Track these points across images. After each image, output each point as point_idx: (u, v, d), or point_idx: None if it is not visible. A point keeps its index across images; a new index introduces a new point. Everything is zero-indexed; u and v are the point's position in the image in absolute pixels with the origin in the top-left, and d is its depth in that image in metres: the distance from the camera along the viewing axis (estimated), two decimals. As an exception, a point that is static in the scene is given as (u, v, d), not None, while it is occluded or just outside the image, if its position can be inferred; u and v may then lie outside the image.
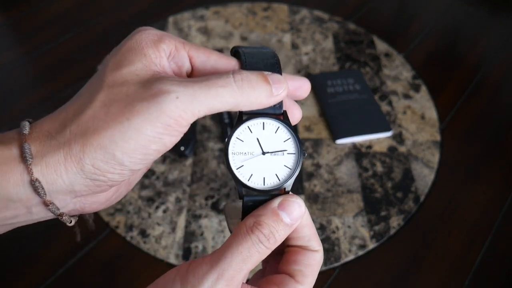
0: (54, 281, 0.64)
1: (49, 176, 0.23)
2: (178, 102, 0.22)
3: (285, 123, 0.26)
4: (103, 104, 0.23)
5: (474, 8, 1.12)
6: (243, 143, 0.26)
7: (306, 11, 1.09)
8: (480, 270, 0.67)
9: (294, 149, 0.26)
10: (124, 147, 0.22)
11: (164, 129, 0.22)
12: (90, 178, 0.23)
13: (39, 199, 0.23)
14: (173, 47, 0.25)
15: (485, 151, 0.82)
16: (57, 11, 1.09)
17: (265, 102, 0.24)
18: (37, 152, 0.23)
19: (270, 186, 0.26)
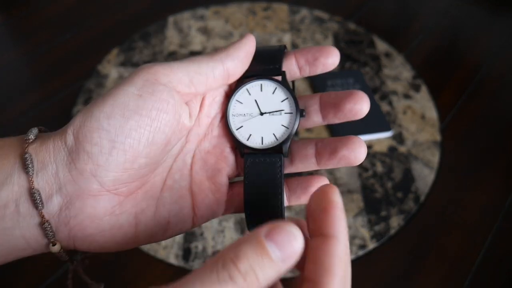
0: (54, 281, 0.63)
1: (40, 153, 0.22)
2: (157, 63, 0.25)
3: (283, 84, 0.27)
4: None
5: (474, 8, 1.12)
6: (242, 105, 0.27)
7: (306, 11, 1.09)
8: (480, 270, 0.67)
9: (291, 108, 0.27)
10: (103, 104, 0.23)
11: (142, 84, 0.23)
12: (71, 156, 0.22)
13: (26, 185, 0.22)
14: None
15: (485, 151, 0.82)
16: (57, 11, 1.09)
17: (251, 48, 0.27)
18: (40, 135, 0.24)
19: (268, 144, 0.27)
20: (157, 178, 0.26)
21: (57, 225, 0.23)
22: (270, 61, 0.27)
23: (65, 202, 0.23)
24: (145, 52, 0.98)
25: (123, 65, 0.95)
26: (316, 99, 0.28)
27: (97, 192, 0.23)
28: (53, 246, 0.23)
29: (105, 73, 0.94)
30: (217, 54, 0.26)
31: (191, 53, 0.98)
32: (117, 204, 0.24)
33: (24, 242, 0.23)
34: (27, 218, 0.22)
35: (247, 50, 0.26)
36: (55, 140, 0.23)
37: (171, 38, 1.02)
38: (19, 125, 0.85)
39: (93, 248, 0.25)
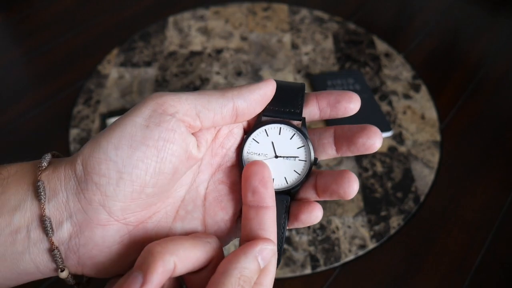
0: (54, 281, 0.63)
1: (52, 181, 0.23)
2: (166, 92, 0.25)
3: (301, 131, 0.27)
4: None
5: (474, 8, 1.12)
6: (259, 145, 0.27)
7: (306, 11, 1.09)
8: (480, 270, 0.67)
9: (306, 156, 0.27)
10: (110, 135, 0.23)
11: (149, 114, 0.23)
12: (80, 186, 0.23)
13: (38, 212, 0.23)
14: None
15: (485, 151, 0.82)
16: (57, 11, 1.09)
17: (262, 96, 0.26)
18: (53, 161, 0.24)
19: (278, 187, 0.27)
20: (169, 208, 0.26)
21: (67, 252, 0.23)
22: (291, 104, 0.27)
23: (75, 230, 0.23)
24: (145, 52, 0.98)
25: (123, 65, 0.95)
26: (330, 132, 0.28)
27: (106, 222, 0.23)
28: (61, 272, 0.24)
29: (105, 73, 0.94)
30: (229, 92, 0.25)
31: (191, 53, 0.98)
32: (127, 233, 0.25)
33: (33, 266, 0.23)
34: (37, 243, 0.23)
35: (264, 94, 0.26)
36: (66, 168, 0.23)
37: (171, 38, 1.02)
38: (19, 125, 0.85)
39: (102, 275, 0.25)
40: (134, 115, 0.23)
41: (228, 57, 0.97)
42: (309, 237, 0.69)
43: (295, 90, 0.28)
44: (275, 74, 0.94)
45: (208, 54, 0.98)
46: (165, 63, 0.96)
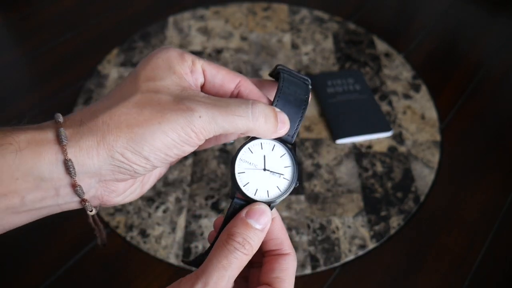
0: (54, 281, 0.64)
1: (81, 158, 0.25)
2: (200, 121, 0.26)
3: (292, 153, 0.30)
4: (136, 104, 0.26)
5: (474, 8, 1.12)
6: (252, 155, 0.30)
7: (306, 11, 1.09)
8: (480, 270, 0.67)
9: (290, 176, 0.30)
10: (152, 144, 0.26)
11: (186, 139, 0.26)
12: (117, 165, 0.26)
13: (68, 180, 0.26)
14: (191, 62, 0.30)
15: (485, 151, 0.82)
16: (57, 11, 1.09)
17: (268, 136, 0.29)
18: (71, 136, 0.26)
19: (259, 198, 0.29)
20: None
21: (91, 200, 0.28)
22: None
23: (102, 186, 0.28)
24: (145, 52, 0.98)
25: (123, 65, 0.95)
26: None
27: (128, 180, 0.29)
28: (90, 212, 0.29)
29: (105, 73, 0.94)
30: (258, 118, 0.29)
31: (191, 52, 0.98)
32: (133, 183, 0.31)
33: (59, 209, 0.28)
34: (66, 198, 0.27)
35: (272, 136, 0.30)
36: (99, 150, 0.26)
37: (171, 38, 1.02)
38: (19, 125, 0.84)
39: (114, 205, 0.31)
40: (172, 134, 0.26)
41: (228, 57, 0.97)
42: (309, 237, 0.69)
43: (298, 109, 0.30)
44: (275, 74, 0.93)
45: (208, 54, 0.98)
46: (165, 63, 0.96)
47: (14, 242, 0.68)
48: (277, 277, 0.28)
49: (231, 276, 0.26)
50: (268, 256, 0.29)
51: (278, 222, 0.30)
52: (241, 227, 0.27)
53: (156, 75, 0.28)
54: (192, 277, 0.26)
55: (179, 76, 0.28)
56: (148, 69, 0.28)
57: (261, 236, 0.28)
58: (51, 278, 0.64)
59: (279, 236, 0.29)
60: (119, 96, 0.27)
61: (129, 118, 0.26)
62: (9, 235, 0.72)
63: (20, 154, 0.25)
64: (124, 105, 0.26)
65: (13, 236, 0.71)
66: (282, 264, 0.28)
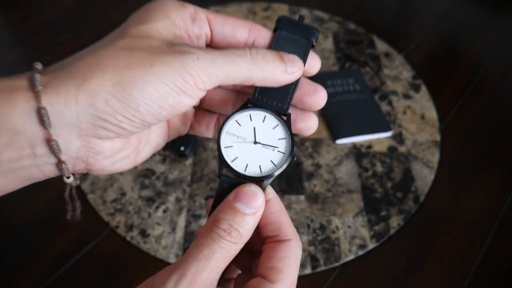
0: (54, 281, 0.63)
1: (57, 105, 0.22)
2: (198, 62, 0.23)
3: (286, 124, 0.27)
4: (125, 47, 0.23)
5: (474, 8, 1.12)
6: (240, 127, 0.26)
7: (306, 11, 1.09)
8: (480, 270, 0.67)
9: (286, 149, 0.26)
10: (143, 90, 0.22)
11: (182, 84, 0.23)
12: (99, 116, 0.22)
13: (43, 134, 0.22)
14: (193, 11, 0.26)
15: (485, 151, 0.82)
16: (57, 11, 1.09)
17: (280, 79, 0.25)
18: (48, 82, 0.22)
19: (250, 173, 0.26)
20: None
21: (74, 161, 0.24)
22: (280, 97, 0.27)
23: (84, 145, 0.23)
24: (145, 52, 0.98)
25: (123, 65, 0.95)
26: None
27: (114, 139, 0.25)
28: (67, 179, 0.25)
29: (105, 73, 0.94)
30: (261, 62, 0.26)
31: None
32: (127, 142, 0.26)
33: (40, 174, 0.24)
34: (44, 158, 0.23)
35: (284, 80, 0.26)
36: (79, 97, 0.22)
37: (171, 38, 1.02)
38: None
39: (103, 173, 0.26)
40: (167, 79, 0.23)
41: (228, 57, 0.97)
42: (309, 237, 0.69)
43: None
44: (275, 74, 0.93)
45: (208, 54, 0.98)
46: (165, 63, 0.96)
47: (15, 242, 0.68)
48: (272, 267, 0.24)
49: (215, 266, 0.22)
50: (267, 243, 0.25)
51: (275, 204, 0.26)
52: (227, 212, 0.24)
53: (147, 17, 0.25)
54: (168, 268, 0.23)
55: (172, 22, 0.25)
56: (140, 12, 0.25)
57: (253, 222, 0.24)
58: (51, 278, 0.64)
59: (277, 219, 0.25)
60: (107, 41, 0.24)
61: (117, 61, 0.22)
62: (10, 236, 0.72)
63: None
64: (111, 48, 0.23)
65: (13, 236, 0.71)
66: (280, 252, 0.24)
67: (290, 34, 0.27)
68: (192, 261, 0.22)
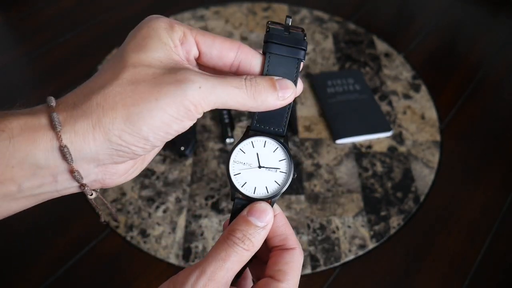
0: (54, 281, 0.64)
1: (77, 143, 0.24)
2: (199, 91, 0.25)
3: (284, 146, 0.30)
4: (129, 82, 0.25)
5: (474, 8, 1.12)
6: (245, 155, 0.30)
7: (306, 11, 1.09)
8: (480, 270, 0.67)
9: (286, 169, 0.30)
10: (150, 123, 0.25)
11: (185, 112, 0.25)
12: (115, 148, 0.25)
13: (65, 166, 0.25)
14: (182, 34, 0.27)
15: (485, 151, 0.82)
16: (57, 11, 1.09)
17: (273, 105, 0.28)
18: (65, 121, 0.25)
19: (258, 195, 0.30)
20: None
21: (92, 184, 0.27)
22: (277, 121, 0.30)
23: (101, 170, 0.27)
24: (145, 52, 0.98)
25: (123, 65, 0.95)
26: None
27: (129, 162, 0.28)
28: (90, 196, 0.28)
29: (105, 73, 0.94)
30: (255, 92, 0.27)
31: (191, 53, 0.98)
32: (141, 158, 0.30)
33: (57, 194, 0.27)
34: (65, 184, 0.26)
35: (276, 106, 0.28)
36: (95, 134, 0.25)
37: (171, 38, 1.01)
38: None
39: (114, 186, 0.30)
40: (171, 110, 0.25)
41: (228, 57, 0.97)
42: (309, 237, 0.69)
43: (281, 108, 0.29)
44: (275, 74, 0.93)
45: (208, 54, 0.98)
46: (165, 63, 0.96)
47: (15, 242, 0.68)
48: (279, 270, 0.28)
49: (229, 268, 0.26)
50: (274, 251, 0.29)
51: (281, 218, 0.30)
52: (241, 224, 0.28)
53: (146, 46, 0.26)
54: (191, 267, 0.27)
55: (169, 47, 0.27)
56: (138, 38, 0.27)
57: (263, 234, 0.28)
58: (51, 278, 0.64)
59: (283, 232, 0.29)
60: (111, 73, 0.26)
61: (124, 98, 0.24)
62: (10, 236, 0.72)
63: (14, 142, 0.24)
64: (118, 83, 0.25)
65: (13, 236, 0.71)
66: (286, 257, 0.28)
67: (279, 56, 0.29)
68: (211, 261, 0.26)
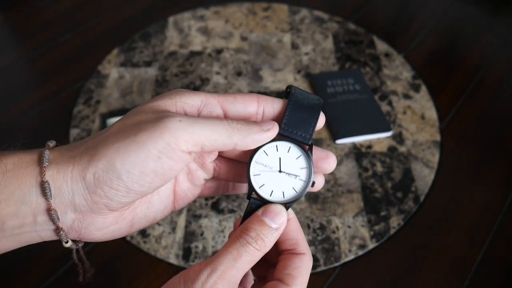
0: (54, 281, 0.64)
1: (58, 181, 0.25)
2: (180, 124, 0.25)
3: (308, 155, 0.30)
4: (120, 126, 0.26)
5: (474, 8, 1.12)
6: (267, 157, 0.30)
7: (306, 11, 1.09)
8: (480, 270, 0.67)
9: (306, 178, 0.30)
10: (125, 158, 0.24)
11: (163, 147, 0.25)
12: (89, 190, 0.25)
13: (44, 205, 0.25)
14: (204, 97, 0.29)
15: (485, 151, 0.82)
16: (57, 11, 1.09)
17: (258, 137, 0.28)
18: (54, 159, 0.26)
19: (275, 199, 0.30)
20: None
21: (69, 231, 0.27)
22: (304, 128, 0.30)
23: (78, 218, 0.27)
24: (145, 52, 0.98)
25: (123, 65, 0.95)
26: None
27: (107, 214, 0.27)
28: (65, 243, 0.28)
29: (105, 73, 0.94)
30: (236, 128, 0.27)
31: (191, 53, 0.98)
32: (120, 216, 0.29)
33: (37, 238, 0.27)
34: (43, 225, 0.26)
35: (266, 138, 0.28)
36: (74, 173, 0.25)
37: (171, 38, 1.02)
38: (19, 125, 0.85)
39: (94, 241, 0.29)
40: (148, 142, 0.25)
41: (228, 57, 0.97)
42: (309, 237, 0.69)
43: (311, 111, 0.30)
44: (275, 74, 0.94)
45: (208, 54, 0.98)
46: (165, 63, 0.96)
47: (14, 242, 0.68)
48: (288, 274, 0.28)
49: (240, 268, 0.26)
50: (283, 254, 0.30)
51: (294, 223, 0.30)
52: (255, 224, 0.28)
53: (151, 100, 0.28)
54: (202, 263, 0.27)
55: (173, 102, 0.28)
56: (152, 100, 0.28)
57: (276, 235, 0.28)
58: (51, 278, 0.64)
59: (295, 236, 0.29)
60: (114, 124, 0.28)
61: (108, 138, 0.25)
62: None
63: (6, 177, 0.25)
64: (110, 128, 0.26)
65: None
66: (295, 262, 0.28)
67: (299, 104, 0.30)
68: (222, 259, 0.26)
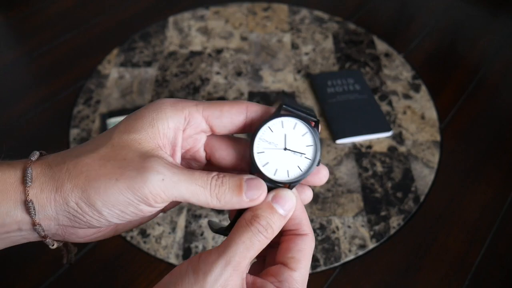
0: (54, 281, 0.64)
1: (41, 200, 0.26)
2: (161, 183, 0.25)
3: (315, 131, 0.29)
4: (102, 157, 0.26)
5: (474, 8, 1.12)
6: (272, 133, 0.28)
7: (306, 11, 1.09)
8: (480, 270, 0.67)
9: (312, 156, 0.28)
10: (105, 199, 0.25)
11: (141, 199, 0.25)
12: (72, 213, 0.26)
13: (29, 219, 0.26)
14: (187, 114, 0.28)
15: (485, 151, 0.82)
16: (57, 11, 1.09)
17: (237, 206, 0.27)
18: (36, 177, 0.26)
19: (279, 178, 0.28)
20: None
21: (54, 236, 0.28)
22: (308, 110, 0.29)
23: (62, 228, 0.28)
24: (145, 52, 0.98)
25: (123, 65, 0.95)
26: None
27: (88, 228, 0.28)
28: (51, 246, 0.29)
29: (105, 73, 0.94)
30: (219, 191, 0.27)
31: (191, 53, 0.98)
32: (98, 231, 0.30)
33: (24, 240, 0.28)
34: (29, 233, 0.27)
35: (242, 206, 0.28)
36: (57, 197, 0.26)
37: (171, 38, 1.02)
38: (19, 125, 0.85)
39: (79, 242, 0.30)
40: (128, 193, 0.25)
41: (228, 57, 0.97)
42: (309, 237, 0.69)
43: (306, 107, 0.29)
44: (275, 74, 0.94)
45: (208, 54, 0.98)
46: (165, 63, 0.96)
47: (14, 242, 0.68)
48: (292, 257, 0.28)
49: (249, 257, 0.26)
50: (286, 235, 0.29)
51: (298, 203, 0.29)
52: (266, 211, 0.27)
53: (134, 127, 0.27)
54: (212, 253, 0.26)
55: (156, 131, 0.27)
56: (132, 118, 0.28)
57: (283, 222, 0.27)
58: (51, 278, 0.64)
59: (298, 216, 0.29)
60: (93, 145, 0.27)
61: (90, 170, 0.26)
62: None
63: None
64: (91, 156, 0.26)
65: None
66: (299, 244, 0.28)
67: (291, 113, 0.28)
68: (236, 249, 0.25)
